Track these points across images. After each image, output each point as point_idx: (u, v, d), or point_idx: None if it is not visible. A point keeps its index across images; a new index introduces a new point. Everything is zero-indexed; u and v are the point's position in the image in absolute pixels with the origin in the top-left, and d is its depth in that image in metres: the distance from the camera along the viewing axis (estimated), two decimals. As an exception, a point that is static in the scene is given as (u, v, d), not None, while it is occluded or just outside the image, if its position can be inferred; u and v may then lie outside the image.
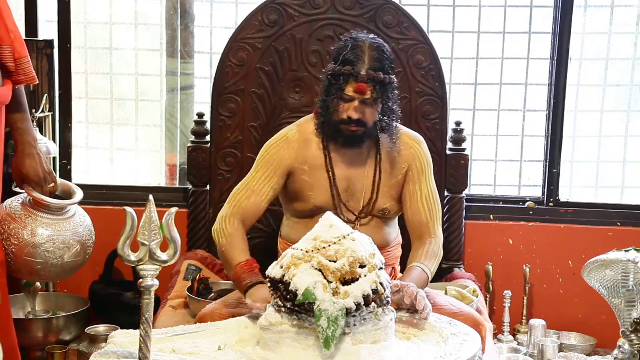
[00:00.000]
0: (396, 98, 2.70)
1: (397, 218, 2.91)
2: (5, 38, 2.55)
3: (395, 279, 2.64)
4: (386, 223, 2.85)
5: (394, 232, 2.91)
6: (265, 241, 3.49)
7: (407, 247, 2.87)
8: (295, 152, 2.76)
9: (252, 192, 2.74)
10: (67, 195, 2.87)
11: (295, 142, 2.78)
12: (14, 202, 2.78)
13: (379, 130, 2.75)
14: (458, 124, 3.52)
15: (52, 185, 2.77)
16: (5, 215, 2.71)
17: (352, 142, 2.72)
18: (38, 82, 2.83)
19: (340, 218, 2.58)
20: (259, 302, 2.35)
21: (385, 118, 2.69)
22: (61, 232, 2.76)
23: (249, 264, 2.55)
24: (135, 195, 3.73)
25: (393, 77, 2.67)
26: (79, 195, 2.86)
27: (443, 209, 3.47)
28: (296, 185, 2.79)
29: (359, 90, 2.60)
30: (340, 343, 2.03)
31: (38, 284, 3.42)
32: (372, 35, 2.72)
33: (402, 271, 2.79)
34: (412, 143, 2.82)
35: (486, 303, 3.48)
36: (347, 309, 2.01)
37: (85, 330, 3.33)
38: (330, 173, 2.76)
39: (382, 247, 2.74)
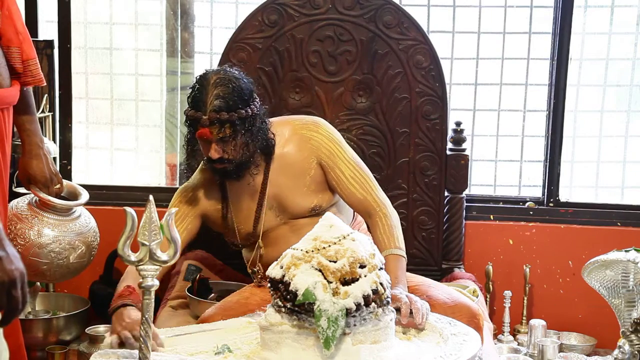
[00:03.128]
0: (256, 127, 2.56)
1: (340, 202, 2.81)
2: (14, 40, 2.57)
3: None
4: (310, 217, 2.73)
5: (343, 218, 2.77)
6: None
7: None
8: (204, 196, 2.71)
9: None
10: (72, 196, 2.88)
11: (201, 186, 2.72)
12: (20, 203, 2.79)
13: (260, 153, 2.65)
14: (458, 124, 3.52)
15: (58, 186, 2.78)
16: (12, 215, 2.72)
17: (229, 176, 2.62)
18: (45, 84, 2.84)
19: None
20: (114, 331, 2.25)
21: (245, 153, 2.56)
22: (67, 233, 2.77)
23: (123, 291, 2.41)
24: (135, 195, 3.73)
25: (244, 110, 2.52)
26: (85, 196, 2.87)
27: (443, 209, 3.48)
28: (218, 224, 2.77)
29: (202, 137, 2.50)
30: (340, 343, 2.03)
31: (38, 284, 3.43)
32: (225, 68, 2.60)
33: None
34: (309, 133, 2.71)
35: (486, 303, 3.48)
36: (347, 309, 2.01)
37: (85, 330, 3.33)
38: (225, 206, 2.71)
39: None
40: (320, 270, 2.05)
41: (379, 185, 2.76)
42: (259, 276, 2.74)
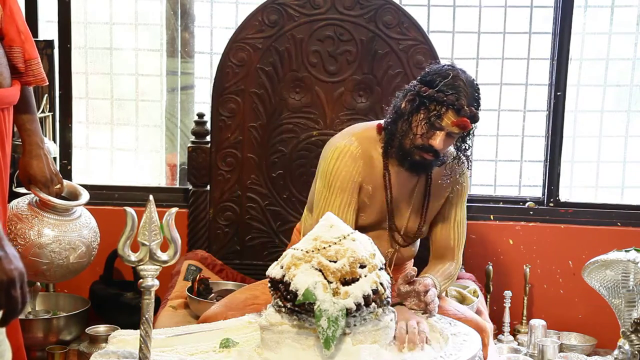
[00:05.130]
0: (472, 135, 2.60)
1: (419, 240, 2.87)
2: (16, 39, 2.56)
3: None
4: (416, 240, 2.81)
5: (412, 253, 2.86)
6: (265, 241, 3.49)
7: (418, 259, 2.88)
8: (362, 170, 2.62)
9: None
10: (73, 196, 2.87)
11: (360, 158, 2.61)
12: (20, 203, 2.78)
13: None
14: (458, 124, 3.51)
15: (58, 186, 2.78)
16: (12, 215, 2.72)
17: (418, 169, 2.60)
18: (48, 83, 2.83)
19: (390, 239, 2.66)
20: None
21: (461, 154, 2.60)
22: (67, 233, 2.76)
23: None
24: (135, 195, 3.73)
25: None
26: (85, 196, 2.87)
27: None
28: (368, 200, 2.70)
29: (461, 124, 2.46)
30: (340, 343, 2.03)
31: (38, 284, 3.43)
32: (462, 68, 2.57)
33: None
34: (459, 169, 2.70)
35: (486, 303, 3.48)
36: (347, 309, 2.01)
37: (85, 330, 3.33)
38: (389, 195, 2.65)
39: (407, 261, 2.80)
40: (320, 270, 2.05)
41: None
42: None
